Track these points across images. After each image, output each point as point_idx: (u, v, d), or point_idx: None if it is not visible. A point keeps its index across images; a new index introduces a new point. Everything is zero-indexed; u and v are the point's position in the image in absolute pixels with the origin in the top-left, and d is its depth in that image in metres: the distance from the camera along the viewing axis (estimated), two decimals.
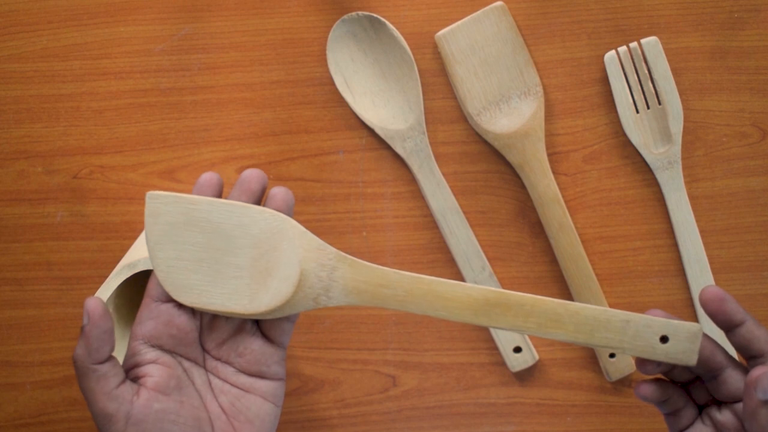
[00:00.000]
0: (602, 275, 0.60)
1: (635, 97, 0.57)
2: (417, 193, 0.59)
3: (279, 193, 0.44)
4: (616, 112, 0.58)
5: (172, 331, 0.43)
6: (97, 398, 0.41)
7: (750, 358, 0.44)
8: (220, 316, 0.44)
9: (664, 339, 0.43)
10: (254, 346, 0.44)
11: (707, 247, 0.59)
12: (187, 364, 0.44)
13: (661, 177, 0.58)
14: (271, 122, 0.59)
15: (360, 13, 0.56)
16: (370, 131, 0.59)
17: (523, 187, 0.59)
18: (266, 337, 0.45)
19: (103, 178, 0.59)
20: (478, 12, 0.57)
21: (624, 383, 0.61)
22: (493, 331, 0.60)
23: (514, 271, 0.60)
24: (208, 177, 0.44)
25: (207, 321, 0.44)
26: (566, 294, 0.60)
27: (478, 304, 0.43)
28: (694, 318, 0.60)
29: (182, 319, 0.43)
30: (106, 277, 0.60)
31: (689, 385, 0.46)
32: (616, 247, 0.60)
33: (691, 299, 0.60)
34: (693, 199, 0.59)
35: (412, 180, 0.59)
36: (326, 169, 0.59)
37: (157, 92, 0.59)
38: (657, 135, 0.58)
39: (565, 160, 0.59)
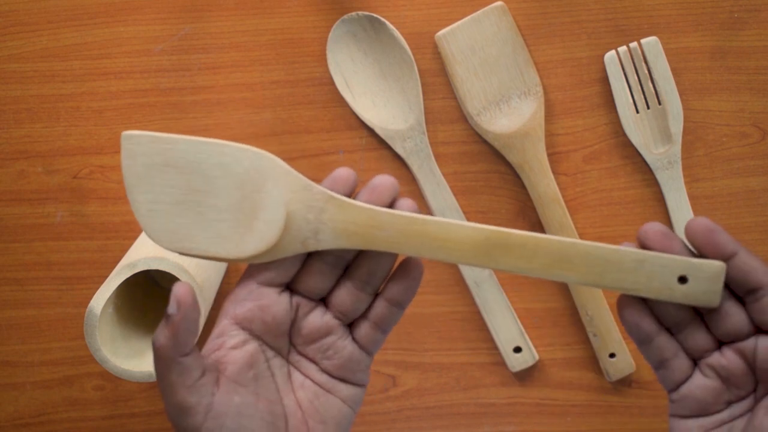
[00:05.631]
0: None
1: (635, 97, 0.57)
2: (417, 193, 0.59)
3: (404, 204, 0.41)
4: (616, 112, 0.58)
5: (266, 318, 0.41)
6: (176, 391, 0.39)
7: (747, 293, 0.39)
8: (315, 313, 0.42)
9: (682, 279, 0.39)
10: (345, 351, 0.42)
11: None
12: (270, 353, 0.42)
13: (661, 177, 0.58)
14: (271, 122, 0.59)
15: (360, 13, 0.56)
16: (370, 131, 0.59)
17: (523, 187, 0.59)
18: (357, 343, 0.43)
19: (103, 178, 0.59)
20: (478, 12, 0.57)
21: (624, 383, 0.61)
22: (493, 331, 0.60)
23: None
24: (345, 173, 0.41)
25: (302, 315, 0.42)
26: (566, 294, 0.60)
27: (477, 244, 0.40)
28: None
29: (280, 308, 0.41)
30: (106, 277, 0.60)
31: (676, 335, 0.42)
32: None
33: None
34: (693, 199, 0.59)
35: (412, 180, 0.59)
36: (326, 168, 0.59)
37: (157, 92, 0.59)
38: (657, 135, 0.58)
39: (565, 160, 0.59)
